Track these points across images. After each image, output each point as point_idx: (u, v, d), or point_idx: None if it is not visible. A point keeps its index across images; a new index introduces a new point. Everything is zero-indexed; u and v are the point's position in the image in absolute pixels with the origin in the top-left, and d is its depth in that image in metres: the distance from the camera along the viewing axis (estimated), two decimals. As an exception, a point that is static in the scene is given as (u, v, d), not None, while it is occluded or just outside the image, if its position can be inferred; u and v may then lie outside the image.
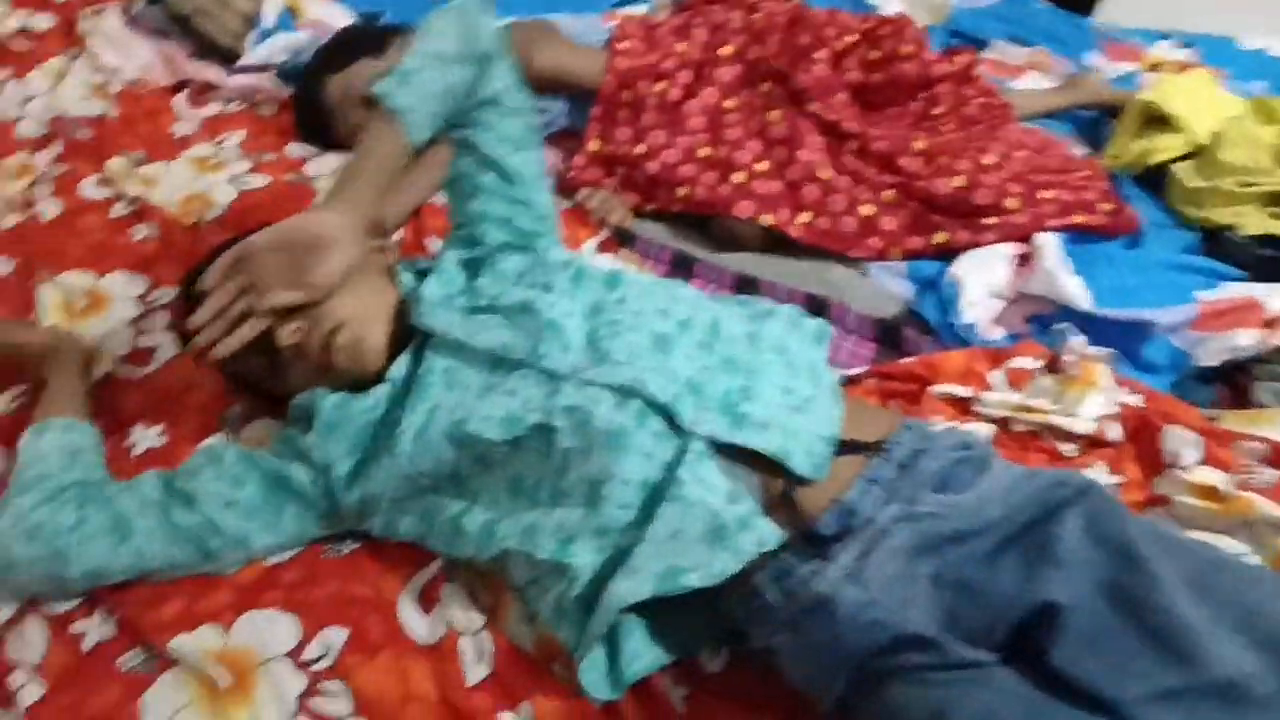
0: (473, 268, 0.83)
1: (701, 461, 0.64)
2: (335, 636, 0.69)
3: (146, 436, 0.86)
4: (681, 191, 1.19)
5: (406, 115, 0.71)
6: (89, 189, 1.17)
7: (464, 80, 0.75)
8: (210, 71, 1.38)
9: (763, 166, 1.19)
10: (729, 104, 1.25)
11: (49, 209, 1.13)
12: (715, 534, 0.61)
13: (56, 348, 0.87)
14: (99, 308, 1.01)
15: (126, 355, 0.95)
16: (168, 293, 1.03)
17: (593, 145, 1.27)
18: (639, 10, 1.52)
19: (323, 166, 1.25)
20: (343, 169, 0.73)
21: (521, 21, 1.26)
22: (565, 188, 1.25)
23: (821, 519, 0.64)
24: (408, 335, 0.78)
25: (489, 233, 0.82)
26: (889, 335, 1.03)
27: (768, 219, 1.15)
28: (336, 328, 0.74)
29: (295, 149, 1.28)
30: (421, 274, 0.86)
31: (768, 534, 0.62)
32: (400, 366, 0.76)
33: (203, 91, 1.37)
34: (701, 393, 0.68)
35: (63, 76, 1.35)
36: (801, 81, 1.21)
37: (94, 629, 0.71)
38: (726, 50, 1.28)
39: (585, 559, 0.63)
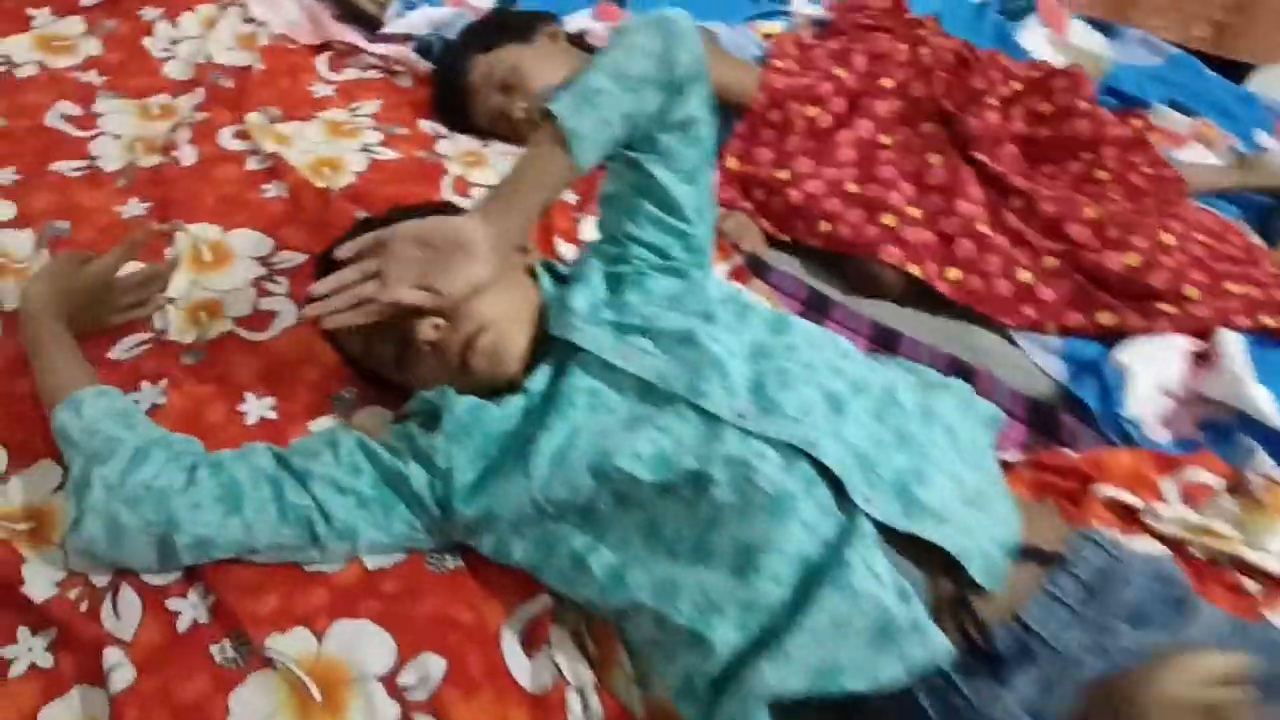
0: (616, 281, 0.78)
1: (871, 546, 0.58)
2: (433, 665, 0.65)
3: (259, 407, 0.83)
4: (824, 226, 1.13)
5: (578, 141, 0.65)
6: (227, 139, 1.16)
7: (652, 107, 0.69)
8: (353, 35, 1.37)
9: (915, 212, 1.11)
10: (884, 140, 1.18)
11: (187, 155, 1.12)
12: (882, 634, 0.55)
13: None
14: (223, 263, 0.99)
15: (246, 317, 0.93)
16: (291, 257, 1.01)
17: (730, 162, 1.21)
18: (776, 25, 1.45)
19: (454, 147, 1.22)
20: (503, 180, 0.69)
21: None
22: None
23: (996, 634, 0.57)
24: (545, 343, 0.74)
25: (640, 256, 0.77)
26: (1042, 417, 0.94)
27: (915, 269, 1.07)
28: (480, 330, 0.71)
29: (427, 125, 1.25)
30: (559, 278, 0.82)
31: (940, 647, 0.55)
32: (540, 379, 0.72)
33: (343, 55, 1.35)
34: (873, 468, 0.62)
35: (213, 24, 1.35)
36: (971, 127, 1.13)
37: (189, 609, 0.68)
38: (888, 83, 1.20)
39: (728, 635, 0.57)
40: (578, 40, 1.27)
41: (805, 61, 1.24)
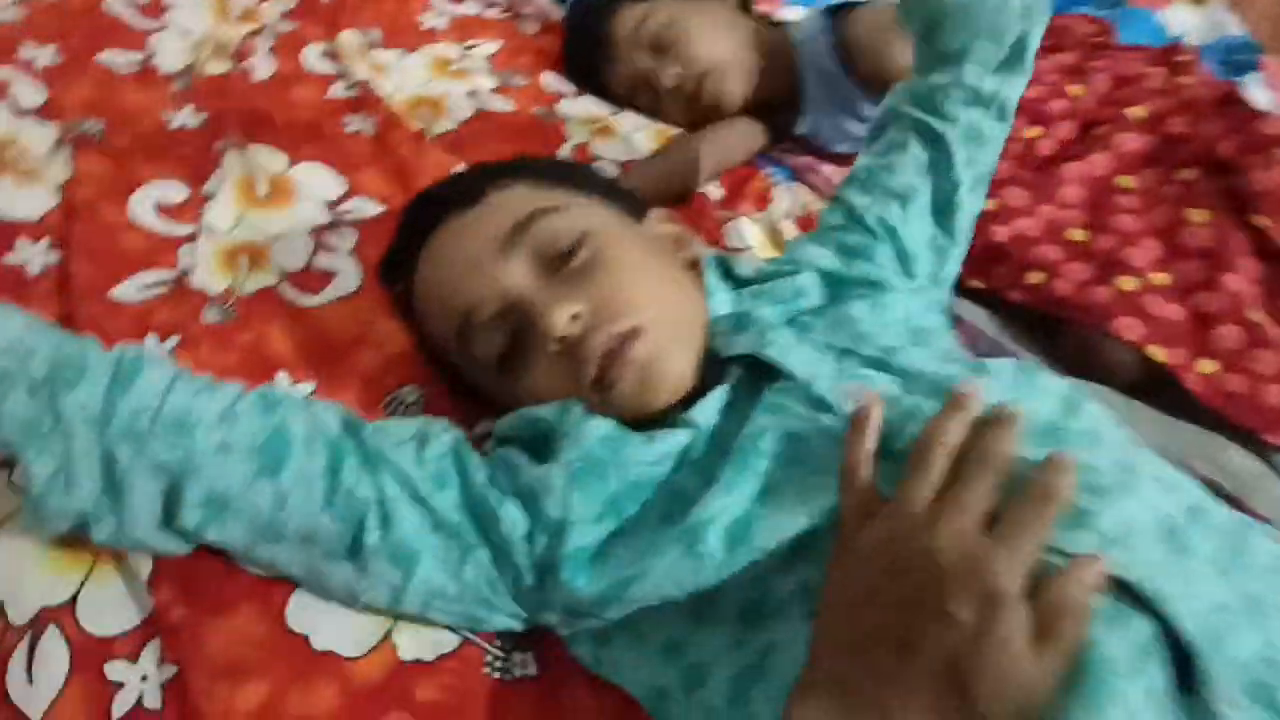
0: (838, 288, 0.57)
1: None
2: None
3: (292, 392, 0.61)
4: (1034, 277, 0.87)
5: None
6: (312, 58, 0.96)
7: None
8: (480, -35, 1.17)
9: (1162, 278, 0.85)
10: (1125, 182, 0.92)
11: (263, 67, 0.92)
12: None
13: None
14: (282, 199, 0.78)
15: (297, 272, 0.71)
16: (364, 207, 0.79)
17: (915, 181, 0.97)
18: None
19: (579, 109, 1.00)
20: None
21: (886, 5, 0.97)
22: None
23: None
24: (712, 364, 0.52)
25: (886, 260, 0.58)
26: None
27: (1158, 353, 0.81)
28: (636, 332, 0.49)
29: (551, 80, 1.03)
30: (736, 281, 0.59)
31: None
32: (709, 410, 0.49)
33: (464, -14, 1.15)
34: (1221, 645, 0.38)
35: (322, -75, 1.16)
36: (1255, 183, 0.87)
37: (135, 681, 0.46)
38: (1137, 112, 0.95)
39: None
40: (744, 4, 1.05)
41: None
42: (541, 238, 0.53)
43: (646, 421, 0.50)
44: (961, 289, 0.92)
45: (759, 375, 0.50)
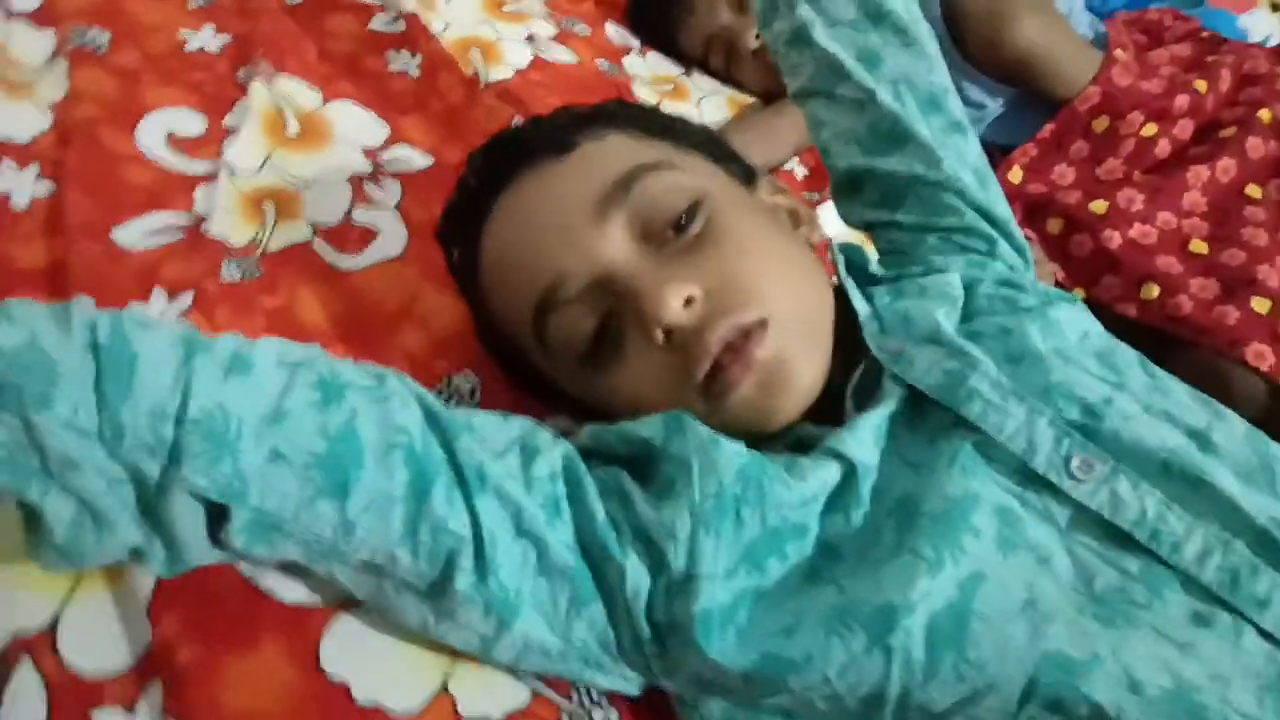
0: (969, 294, 0.48)
1: None
2: None
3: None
4: (1150, 291, 0.78)
5: None
6: (352, -18, 0.84)
7: None
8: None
9: (1298, 300, 0.76)
10: (1255, 192, 0.83)
11: (295, -13, 0.81)
12: None
13: None
14: (315, 141, 0.67)
15: (332, 228, 0.61)
16: (409, 156, 0.69)
17: (1014, 174, 0.87)
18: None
19: (647, 67, 0.89)
20: None
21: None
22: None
23: None
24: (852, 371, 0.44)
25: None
26: None
27: (1294, 384, 0.73)
28: (762, 323, 0.40)
29: (615, 32, 0.92)
30: (871, 279, 0.49)
31: None
32: (867, 443, 0.39)
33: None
34: None
35: None
36: None
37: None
38: (1269, 115, 0.86)
39: None
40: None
41: (1144, 62, 0.90)
42: (647, 200, 0.43)
43: (756, 441, 0.41)
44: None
45: (926, 400, 0.40)
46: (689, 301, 0.40)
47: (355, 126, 0.70)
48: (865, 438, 0.39)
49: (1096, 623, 0.33)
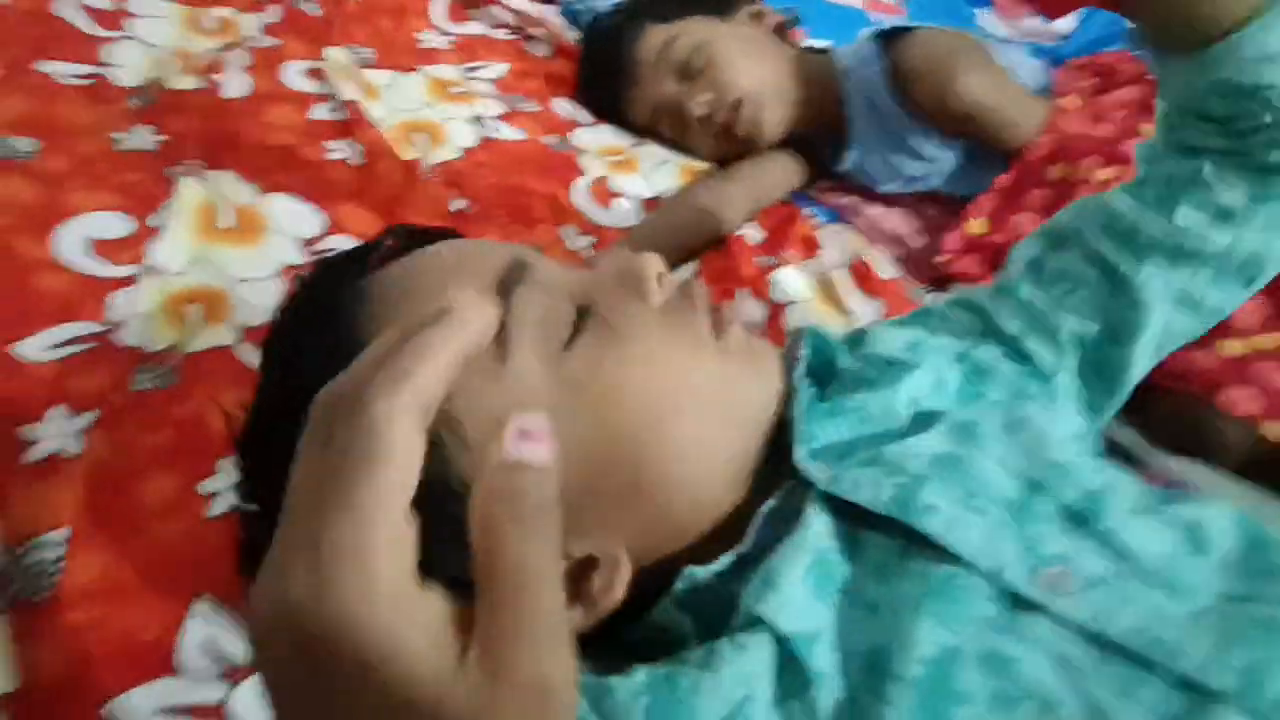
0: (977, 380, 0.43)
1: None
2: None
3: (232, 491, 0.48)
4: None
5: None
6: (293, 75, 0.84)
7: None
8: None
9: (1272, 341, 0.74)
10: (1218, 230, 0.81)
11: (235, 84, 0.80)
12: None
13: None
14: (249, 235, 0.65)
15: (259, 330, 0.58)
16: (348, 245, 0.67)
17: (975, 226, 0.85)
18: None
19: (596, 140, 0.88)
20: None
21: (945, 30, 0.87)
22: (932, 276, 0.83)
23: None
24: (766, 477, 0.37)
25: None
26: None
27: (1275, 429, 0.70)
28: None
29: (563, 108, 0.92)
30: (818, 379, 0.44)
31: None
32: (800, 607, 0.32)
33: (467, 5, 1.04)
34: None
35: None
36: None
37: None
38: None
39: None
40: (781, 29, 0.94)
41: (1096, 107, 0.90)
42: None
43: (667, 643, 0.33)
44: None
45: (859, 518, 0.34)
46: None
47: (292, 218, 0.68)
48: (796, 602, 0.32)
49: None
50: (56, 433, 0.47)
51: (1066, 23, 1.26)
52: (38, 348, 0.52)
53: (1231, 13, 0.40)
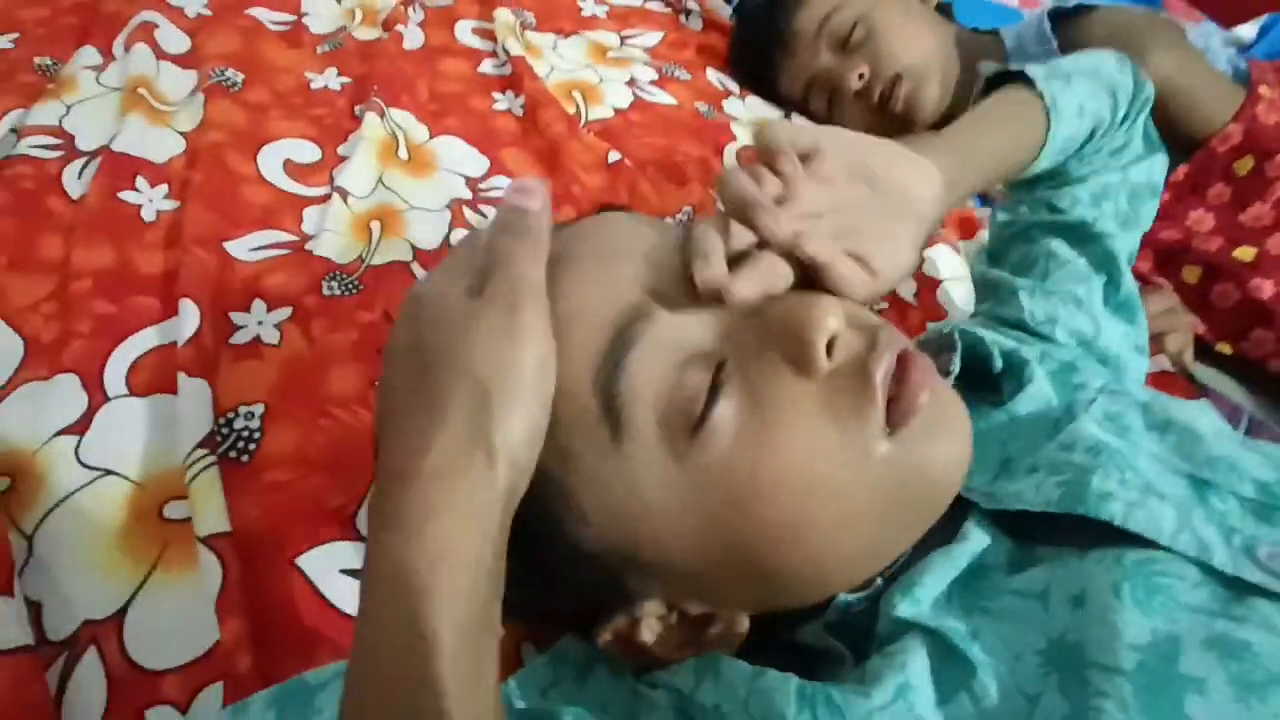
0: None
1: None
2: None
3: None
4: (1312, 346, 0.70)
5: (1057, 116, 0.47)
6: (464, 32, 0.89)
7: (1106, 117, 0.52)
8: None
9: None
10: None
11: (413, 37, 0.85)
12: None
13: None
14: (421, 169, 0.69)
15: (432, 251, 0.61)
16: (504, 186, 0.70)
17: (1144, 220, 0.80)
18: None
19: (747, 110, 0.89)
20: (959, 125, 0.47)
21: (1131, 7, 0.82)
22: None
23: None
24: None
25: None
26: None
27: None
28: None
29: (715, 78, 0.93)
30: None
31: None
32: (930, 594, 0.31)
33: (626, -22, 1.06)
34: None
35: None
36: None
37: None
38: None
39: None
40: (943, 6, 0.92)
41: (1292, 100, 0.82)
42: None
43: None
44: (1207, 353, 0.76)
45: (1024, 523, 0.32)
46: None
47: (459, 158, 0.72)
48: (936, 589, 0.30)
49: None
50: (257, 322, 0.51)
51: (1247, 30, 1.16)
52: (244, 248, 0.57)
53: None
